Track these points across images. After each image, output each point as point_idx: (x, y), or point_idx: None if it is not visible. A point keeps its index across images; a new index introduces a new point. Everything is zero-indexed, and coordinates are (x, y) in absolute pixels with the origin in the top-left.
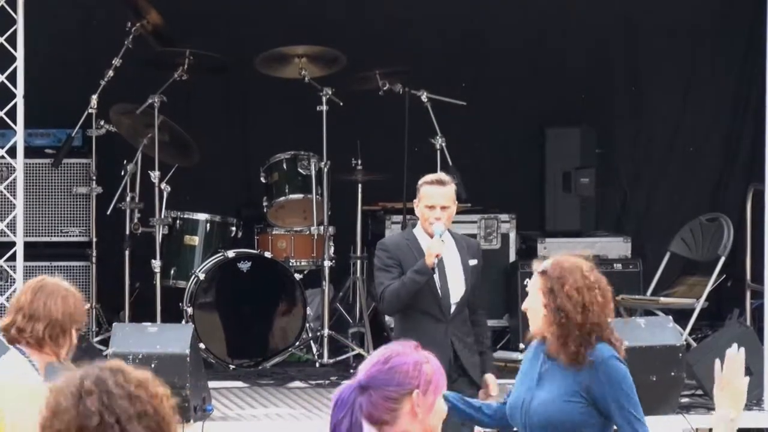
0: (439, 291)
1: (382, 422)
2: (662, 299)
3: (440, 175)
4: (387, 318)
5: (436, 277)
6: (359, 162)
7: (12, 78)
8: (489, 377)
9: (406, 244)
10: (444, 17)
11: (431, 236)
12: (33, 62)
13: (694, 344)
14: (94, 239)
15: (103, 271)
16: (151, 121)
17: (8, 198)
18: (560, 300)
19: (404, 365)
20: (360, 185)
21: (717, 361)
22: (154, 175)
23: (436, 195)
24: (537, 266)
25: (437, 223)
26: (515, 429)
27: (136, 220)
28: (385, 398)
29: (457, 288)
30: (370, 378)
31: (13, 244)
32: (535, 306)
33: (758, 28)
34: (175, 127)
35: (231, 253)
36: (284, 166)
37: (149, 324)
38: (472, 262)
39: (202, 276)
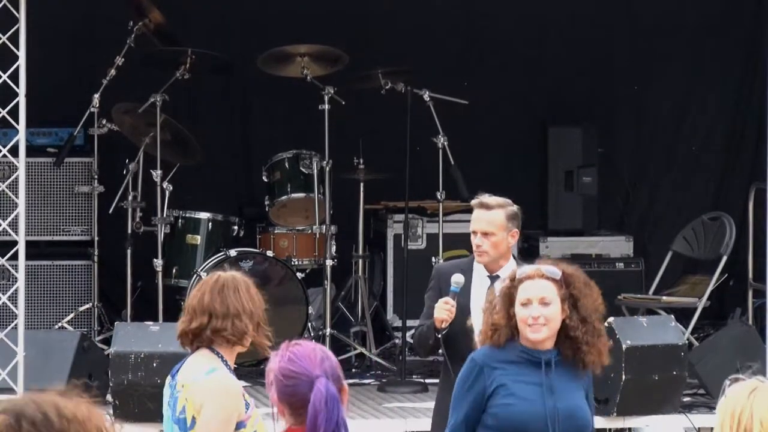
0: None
1: None
2: (664, 298)
3: (489, 197)
4: (389, 317)
5: (473, 322)
6: (361, 161)
7: (14, 77)
8: None
9: (461, 272)
10: (446, 16)
11: (491, 271)
12: (35, 61)
13: (696, 343)
14: (96, 238)
15: (105, 270)
16: (153, 120)
17: (10, 197)
18: (582, 307)
19: (335, 359)
20: (362, 184)
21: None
22: (156, 174)
23: (478, 220)
24: (544, 273)
25: (455, 275)
26: None
27: (138, 219)
28: (340, 390)
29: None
30: (329, 372)
31: (15, 243)
32: (556, 315)
33: (760, 27)
34: (177, 126)
35: (233, 252)
36: (286, 165)
37: (151, 323)
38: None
39: (204, 275)
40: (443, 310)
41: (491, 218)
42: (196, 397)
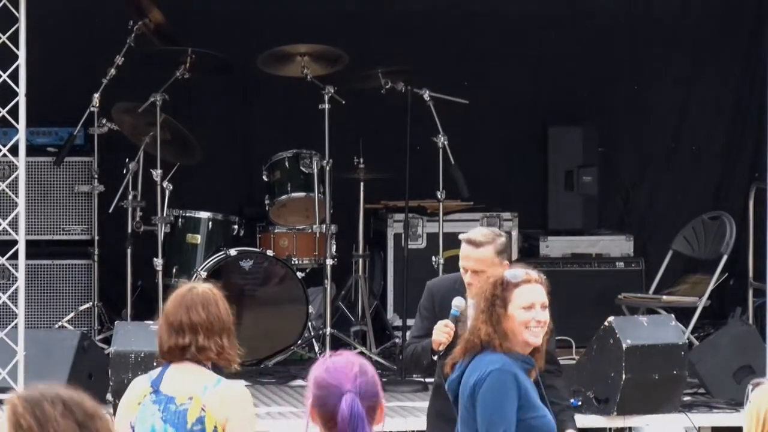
0: None
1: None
2: (664, 297)
3: (479, 232)
4: (389, 316)
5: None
6: (361, 160)
7: (14, 76)
8: None
9: (454, 288)
10: (446, 15)
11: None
12: (35, 60)
13: (697, 343)
14: (96, 237)
15: (105, 269)
16: (153, 119)
17: (10, 196)
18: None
19: (376, 375)
20: (362, 184)
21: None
22: (156, 173)
23: (467, 258)
24: (538, 278)
25: (456, 299)
26: None
27: (138, 219)
28: (370, 409)
29: None
30: (361, 390)
31: (15, 242)
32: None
33: (760, 27)
34: (177, 125)
35: (233, 252)
36: (286, 165)
37: (151, 322)
38: None
39: (204, 274)
40: (443, 333)
41: (480, 256)
42: (215, 407)
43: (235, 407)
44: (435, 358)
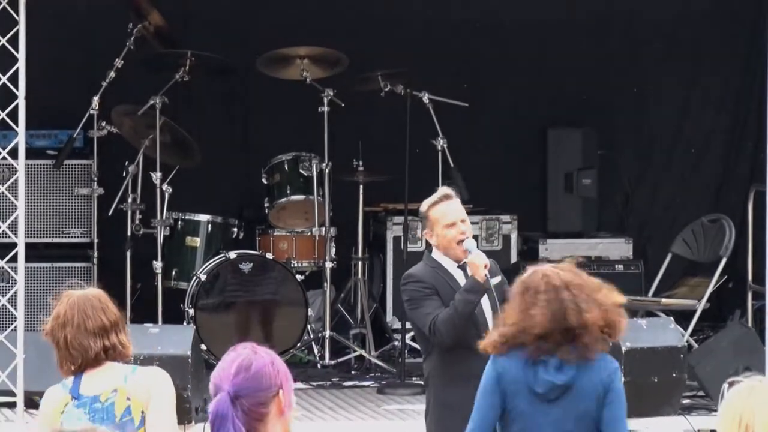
0: (477, 317)
1: (256, 428)
2: (664, 300)
3: (444, 190)
4: (388, 319)
5: (485, 305)
6: (361, 163)
7: (14, 79)
8: None
9: (433, 271)
10: (446, 18)
11: (458, 260)
12: (35, 63)
13: (696, 345)
14: (96, 240)
15: (105, 272)
16: (152, 122)
17: (10, 199)
18: None
19: (265, 368)
20: (361, 186)
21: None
22: (156, 176)
23: (451, 211)
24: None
25: (468, 239)
26: None
27: (137, 221)
28: (257, 404)
29: (490, 312)
30: (239, 387)
31: (14, 245)
32: None
33: (759, 28)
34: (176, 128)
35: (232, 254)
36: (286, 167)
37: (151, 325)
38: (495, 280)
39: (203, 277)
40: (482, 257)
41: (460, 205)
42: (139, 392)
43: (156, 387)
44: (488, 287)
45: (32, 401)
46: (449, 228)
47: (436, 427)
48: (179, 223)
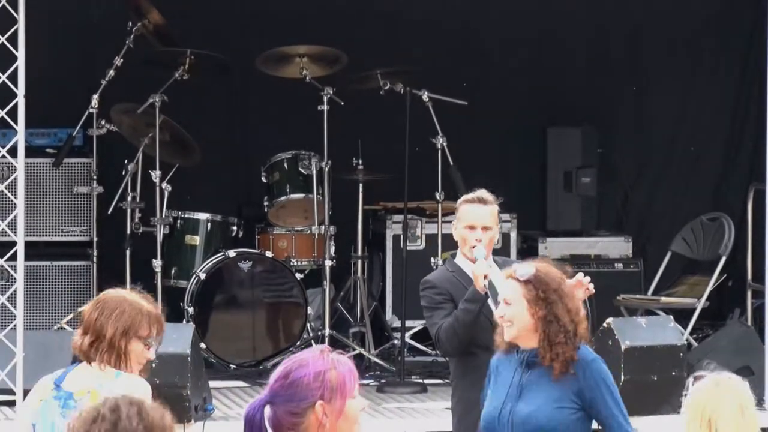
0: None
1: None
2: (663, 299)
3: (482, 193)
4: (388, 317)
5: (492, 306)
6: (360, 162)
7: (13, 77)
8: None
9: (452, 276)
10: (445, 17)
11: (474, 261)
12: (34, 62)
13: (695, 344)
14: (95, 239)
15: (104, 270)
16: (152, 120)
17: (9, 197)
18: (553, 308)
19: (304, 378)
20: (361, 185)
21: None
22: (155, 174)
23: (476, 215)
24: (513, 273)
25: (478, 247)
26: None
27: (137, 220)
28: (288, 413)
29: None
30: (273, 394)
31: (14, 243)
32: (520, 315)
33: (759, 28)
34: (176, 126)
35: (232, 253)
36: (285, 166)
37: None
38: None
39: (203, 276)
40: (483, 267)
41: (489, 212)
42: None
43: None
44: (486, 296)
45: None
46: (468, 230)
47: (459, 425)
48: (179, 221)
